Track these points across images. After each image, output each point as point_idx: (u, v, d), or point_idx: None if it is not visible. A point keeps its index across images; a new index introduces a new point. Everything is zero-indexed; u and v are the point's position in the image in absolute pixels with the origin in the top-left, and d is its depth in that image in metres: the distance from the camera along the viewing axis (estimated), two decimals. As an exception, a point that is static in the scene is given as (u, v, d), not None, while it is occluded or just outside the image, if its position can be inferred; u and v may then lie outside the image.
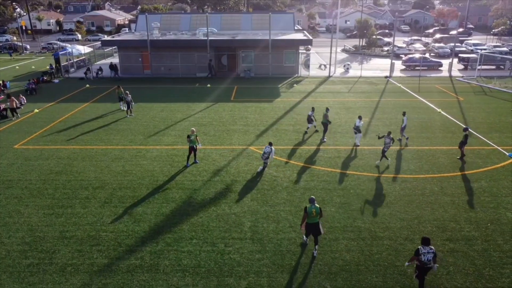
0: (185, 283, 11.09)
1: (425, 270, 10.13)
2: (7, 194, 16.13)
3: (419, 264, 10.05)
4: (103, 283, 11.10)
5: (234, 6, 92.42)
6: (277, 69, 41.11)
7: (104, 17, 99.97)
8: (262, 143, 21.51)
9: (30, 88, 33.96)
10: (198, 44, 40.11)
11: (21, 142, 22.11)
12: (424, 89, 34.37)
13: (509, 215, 14.28)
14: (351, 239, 12.98)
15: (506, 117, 25.98)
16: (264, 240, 12.94)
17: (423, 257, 9.89)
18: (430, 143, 21.34)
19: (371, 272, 11.46)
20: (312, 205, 11.80)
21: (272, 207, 14.93)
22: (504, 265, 11.68)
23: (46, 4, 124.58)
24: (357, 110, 27.76)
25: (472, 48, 54.86)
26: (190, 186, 16.63)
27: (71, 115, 27.32)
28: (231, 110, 28.03)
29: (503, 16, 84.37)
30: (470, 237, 13.04)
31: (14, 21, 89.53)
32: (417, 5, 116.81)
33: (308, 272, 11.46)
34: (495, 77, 39.22)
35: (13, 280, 11.23)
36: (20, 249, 12.62)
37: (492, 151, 20.15)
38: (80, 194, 16.06)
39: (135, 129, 24.12)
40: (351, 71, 43.01)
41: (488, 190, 16.15)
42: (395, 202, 15.21)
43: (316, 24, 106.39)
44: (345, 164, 18.76)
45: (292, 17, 50.03)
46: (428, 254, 9.87)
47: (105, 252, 12.40)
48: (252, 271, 11.54)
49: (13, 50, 65.48)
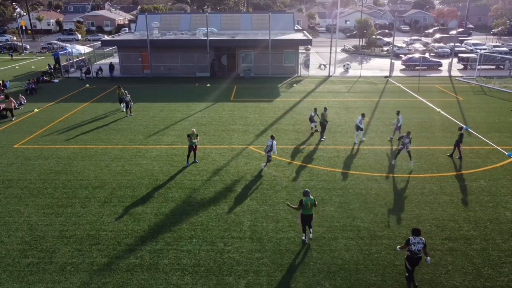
0: (185, 282, 11.12)
1: (415, 260, 10.41)
2: (7, 194, 16.16)
3: (410, 254, 10.36)
4: (102, 282, 11.12)
5: (234, 6, 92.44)
6: (277, 69, 41.14)
7: (104, 17, 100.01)
8: (262, 142, 21.54)
9: (30, 88, 33.98)
10: (198, 44, 40.14)
11: (21, 141, 22.14)
12: (423, 89, 34.40)
13: (508, 214, 14.30)
14: (350, 238, 13.01)
15: (505, 116, 26.00)
16: (263, 239, 12.97)
17: (413, 246, 10.20)
18: (430, 143, 21.36)
19: (370, 271, 11.48)
20: (307, 197, 12.14)
21: (272, 207, 14.96)
22: (503, 264, 11.70)
23: (46, 4, 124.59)
24: (357, 109, 27.79)
25: (471, 48, 54.88)
26: (190, 186, 16.66)
27: (71, 115, 27.35)
28: (230, 110, 28.05)
29: (503, 16, 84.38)
30: (469, 236, 13.07)
31: (14, 21, 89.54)
32: (417, 5, 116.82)
33: (307, 271, 11.49)
34: (494, 77, 39.26)
35: (13, 279, 11.25)
36: (20, 248, 12.65)
37: (491, 151, 20.17)
38: (80, 194, 16.09)
39: (135, 128, 24.14)
40: (351, 71, 43.04)
41: (487, 189, 16.17)
42: (394, 202, 15.23)
43: (316, 24, 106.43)
44: (345, 163, 18.78)
45: (292, 17, 50.07)
46: (418, 244, 10.19)
47: (105, 251, 12.43)
48: (252, 270, 11.57)
49: (13, 50, 65.53)
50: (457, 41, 50.85)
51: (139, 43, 40.78)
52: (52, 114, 27.43)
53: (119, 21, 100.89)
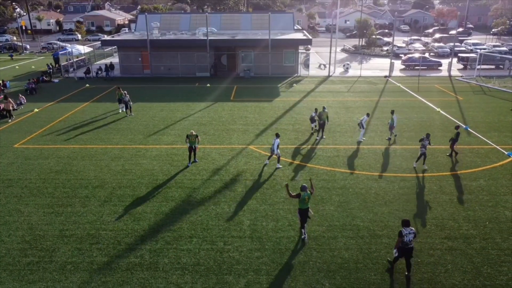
0: (185, 281, 11.14)
1: (407, 250, 10.83)
2: (7, 193, 16.18)
3: (401, 245, 10.78)
4: (102, 281, 11.14)
5: (233, 6, 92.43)
6: (277, 68, 41.16)
7: (104, 17, 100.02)
8: (262, 142, 21.57)
9: (30, 87, 34.00)
10: (197, 44, 40.16)
11: (21, 141, 22.15)
12: (423, 89, 34.42)
13: (507, 213, 14.33)
14: (350, 237, 13.03)
15: (505, 116, 26.03)
16: (263, 239, 12.99)
17: (406, 238, 10.69)
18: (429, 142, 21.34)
19: (370, 270, 11.50)
20: (305, 192, 12.48)
21: (271, 206, 14.98)
22: (502, 263, 11.72)
23: (46, 4, 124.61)
24: (357, 109, 27.82)
25: (471, 48, 54.90)
26: (190, 185, 16.68)
27: (71, 114, 27.37)
28: (230, 110, 28.07)
29: (503, 16, 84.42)
30: (468, 235, 13.09)
31: (14, 21, 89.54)
32: (417, 5, 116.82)
33: (307, 270, 11.51)
34: (494, 76, 39.28)
35: (13, 278, 11.27)
36: (20, 247, 12.67)
37: (491, 150, 20.19)
38: (80, 193, 16.11)
39: (134, 128, 24.16)
40: (351, 71, 43.06)
41: (487, 188, 16.19)
42: (393, 201, 15.25)
43: (316, 24, 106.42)
44: (344, 163, 18.80)
45: (291, 17, 50.09)
46: (409, 235, 10.72)
47: (105, 251, 12.45)
48: (251, 269, 11.59)
49: (13, 50, 65.52)
50: (457, 41, 50.88)
51: (139, 43, 40.81)
52: (52, 114, 27.45)
53: (119, 21, 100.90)
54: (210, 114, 27.12)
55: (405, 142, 21.50)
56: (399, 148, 20.65)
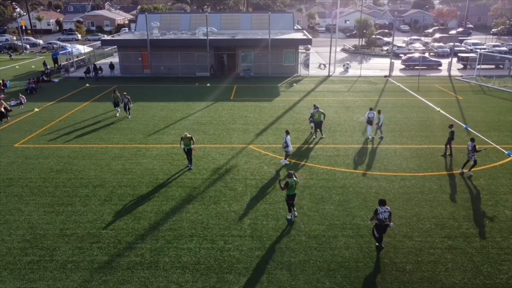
0: (185, 279, 11.15)
1: (383, 227, 11.86)
2: (8, 192, 16.20)
3: (378, 222, 11.79)
4: (103, 280, 11.15)
5: (233, 6, 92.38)
6: (277, 68, 41.17)
7: (104, 17, 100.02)
8: (262, 141, 21.59)
9: (30, 87, 34.01)
10: (197, 43, 40.17)
11: (21, 141, 22.16)
12: (423, 88, 34.44)
13: (507, 212, 14.34)
14: (350, 236, 13.04)
15: (505, 116, 26.05)
16: (263, 238, 13.00)
17: (381, 215, 11.65)
18: (429, 142, 21.40)
19: (370, 268, 11.52)
20: (291, 179, 13.25)
21: (272, 205, 14.99)
22: (502, 262, 11.74)
23: (46, 4, 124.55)
24: (357, 109, 27.85)
25: (471, 48, 54.93)
26: (190, 184, 16.69)
27: (71, 114, 27.38)
28: (230, 109, 28.09)
29: (503, 15, 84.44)
30: (468, 234, 13.11)
31: (14, 21, 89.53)
32: (417, 5, 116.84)
33: (307, 268, 11.53)
34: (494, 76, 39.31)
35: (13, 277, 11.29)
36: (21, 246, 12.68)
37: (490, 150, 20.21)
38: (80, 192, 16.12)
39: (135, 128, 24.18)
40: (351, 71, 43.08)
41: (487, 188, 16.21)
42: (394, 200, 15.27)
43: (316, 24, 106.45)
44: (344, 162, 18.82)
45: (291, 17, 50.08)
46: (384, 213, 11.67)
47: (105, 250, 12.46)
48: (252, 268, 11.60)
49: (13, 50, 65.47)
50: (457, 41, 50.90)
51: (139, 42, 40.81)
52: (52, 114, 27.46)
53: (119, 21, 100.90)
54: (210, 113, 27.14)
55: (405, 141, 21.51)
56: (399, 147, 20.67)
